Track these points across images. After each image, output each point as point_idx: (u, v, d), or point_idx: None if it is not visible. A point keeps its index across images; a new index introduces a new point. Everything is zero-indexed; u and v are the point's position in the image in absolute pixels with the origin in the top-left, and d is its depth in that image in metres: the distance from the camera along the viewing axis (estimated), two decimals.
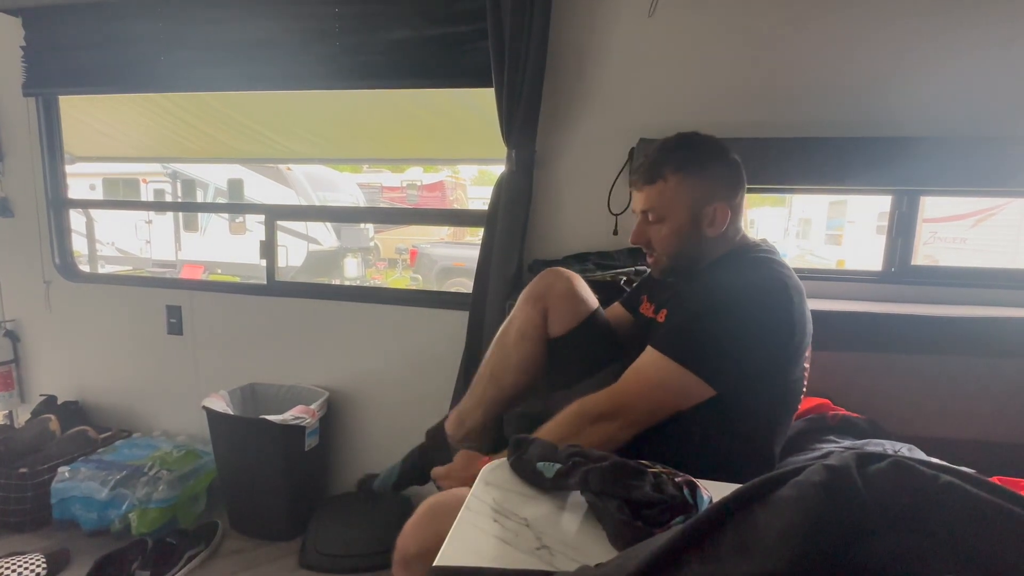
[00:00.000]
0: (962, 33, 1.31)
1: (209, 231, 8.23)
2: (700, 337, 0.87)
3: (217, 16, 1.72)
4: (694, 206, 0.96)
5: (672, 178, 0.96)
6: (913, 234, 1.46)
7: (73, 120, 2.16)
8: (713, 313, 0.88)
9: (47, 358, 2.12)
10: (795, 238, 10.67)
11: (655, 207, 0.98)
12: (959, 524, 0.28)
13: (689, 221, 0.96)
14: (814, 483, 0.32)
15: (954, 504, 0.29)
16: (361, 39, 1.63)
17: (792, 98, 1.42)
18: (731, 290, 0.89)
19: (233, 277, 6.99)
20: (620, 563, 0.34)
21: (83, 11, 1.82)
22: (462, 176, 9.16)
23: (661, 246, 0.99)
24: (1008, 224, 6.74)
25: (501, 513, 0.59)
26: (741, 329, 0.86)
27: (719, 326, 0.87)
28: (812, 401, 1.22)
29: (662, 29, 1.45)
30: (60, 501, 1.68)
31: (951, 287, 1.44)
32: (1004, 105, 1.32)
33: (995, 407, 1.23)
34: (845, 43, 1.37)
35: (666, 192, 0.96)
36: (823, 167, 1.40)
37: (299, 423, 1.63)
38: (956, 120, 1.33)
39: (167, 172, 8.42)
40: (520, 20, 1.42)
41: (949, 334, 1.26)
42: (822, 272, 1.60)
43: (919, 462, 0.33)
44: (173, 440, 1.91)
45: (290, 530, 1.70)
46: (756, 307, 0.87)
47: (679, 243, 0.98)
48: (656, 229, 0.99)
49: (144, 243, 8.37)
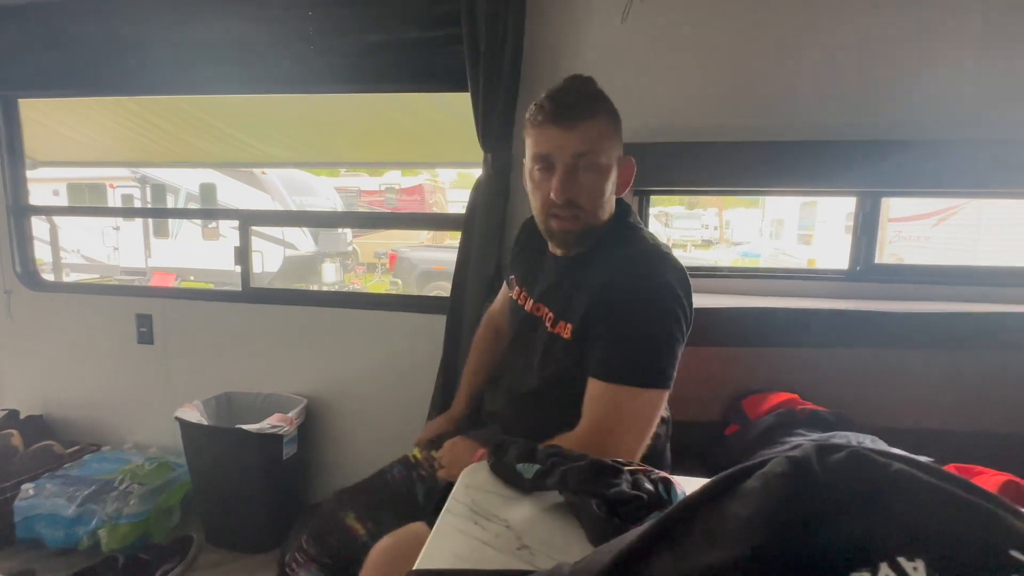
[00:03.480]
0: (923, 40, 1.37)
1: (181, 237, 8.01)
2: (646, 348, 0.82)
3: (186, 18, 1.68)
4: (616, 153, 0.87)
5: (604, 116, 0.84)
6: (876, 234, 1.52)
7: (36, 124, 2.08)
8: (637, 318, 0.83)
9: (9, 370, 2.04)
10: (769, 239, 10.96)
11: (594, 148, 0.83)
12: (908, 508, 0.30)
13: (616, 173, 0.87)
14: (777, 474, 0.34)
15: (904, 490, 0.31)
16: (335, 42, 1.61)
17: (761, 104, 1.46)
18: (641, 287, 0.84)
19: (207, 284, 6.82)
20: (594, 558, 0.35)
21: (43, 11, 1.76)
22: (441, 180, 9.14)
23: (591, 202, 0.85)
24: (967, 223, 7.06)
25: (481, 515, 0.60)
26: (665, 322, 0.83)
27: (650, 329, 0.82)
28: (781, 396, 1.26)
29: (635, 35, 1.48)
30: (24, 519, 1.61)
31: (913, 284, 1.50)
32: (962, 109, 1.38)
33: (955, 398, 1.28)
34: (811, 49, 1.42)
35: (603, 130, 0.83)
36: (792, 170, 1.44)
37: (277, 432, 1.60)
38: (916, 124, 1.39)
39: (135, 177, 8.17)
40: (495, 25, 1.43)
41: (911, 329, 1.31)
42: (792, 271, 1.65)
43: (875, 452, 0.35)
44: (145, 453, 1.85)
45: (269, 541, 1.67)
46: (679, 305, 0.84)
47: (602, 197, 0.86)
48: (588, 179, 0.84)
49: (112, 250, 8.11)
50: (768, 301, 1.41)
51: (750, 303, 1.39)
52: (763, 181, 1.47)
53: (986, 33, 1.33)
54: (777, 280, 1.57)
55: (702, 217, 11.92)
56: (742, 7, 1.43)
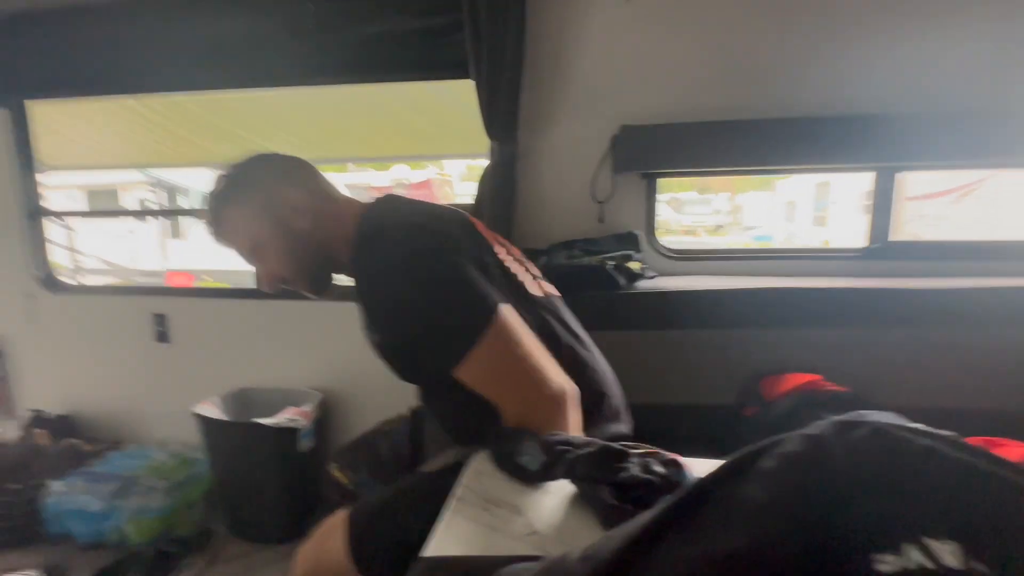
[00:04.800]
0: (931, 9, 1.32)
1: (195, 238, 8.12)
2: (435, 326, 0.77)
3: (189, 16, 1.68)
4: (265, 216, 0.88)
5: (225, 213, 0.89)
6: (890, 210, 1.48)
7: (44, 130, 2.10)
8: (398, 311, 0.79)
9: (33, 372, 2.08)
10: (782, 221, 10.77)
11: (241, 244, 0.91)
12: (935, 485, 0.28)
13: (278, 232, 0.88)
14: (794, 452, 0.32)
15: (931, 466, 0.30)
16: (337, 34, 1.60)
17: (769, 80, 1.42)
18: (392, 267, 0.79)
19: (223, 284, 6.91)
20: (604, 543, 0.34)
21: (49, 17, 1.77)
22: (449, 174, 9.11)
23: (288, 271, 0.91)
24: (988, 199, 6.86)
25: (491, 502, 0.59)
26: (420, 288, 0.76)
27: (419, 309, 0.77)
28: (801, 377, 1.24)
29: (640, 15, 1.44)
30: (53, 516, 1.66)
31: (931, 261, 1.46)
32: (976, 78, 1.33)
33: (977, 376, 1.25)
34: (819, 23, 1.37)
35: (234, 230, 0.90)
36: (802, 147, 1.40)
37: (293, 425, 1.62)
38: (930, 95, 1.34)
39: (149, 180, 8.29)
40: (496, 10, 1.40)
41: (929, 306, 1.27)
42: (806, 251, 1.61)
43: (897, 427, 0.33)
44: (166, 449, 1.89)
45: (288, 532, 1.69)
46: (416, 271, 0.77)
47: (296, 259, 0.90)
48: (265, 261, 0.90)
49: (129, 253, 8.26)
50: (782, 281, 1.39)
51: (763, 284, 1.36)
52: (773, 159, 1.43)
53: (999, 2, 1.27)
54: (792, 260, 1.54)
55: (713, 202, 11.74)
56: None
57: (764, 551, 0.28)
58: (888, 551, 0.26)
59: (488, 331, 0.72)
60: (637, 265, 1.39)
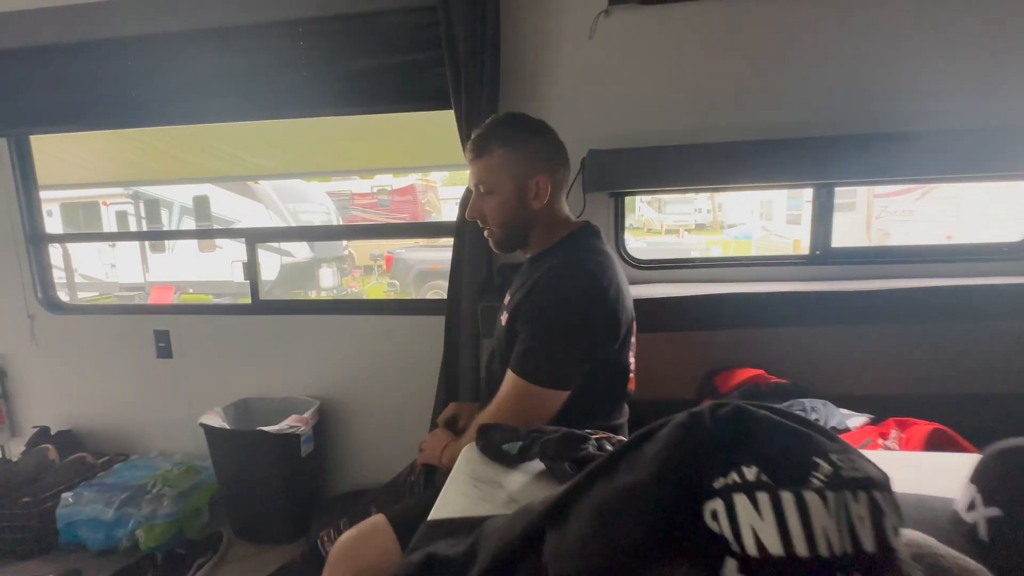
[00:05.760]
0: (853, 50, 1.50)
1: (177, 250, 8.08)
2: (544, 352, 0.98)
3: (186, 53, 1.79)
4: (519, 178, 1.05)
5: (498, 152, 1.04)
6: (831, 221, 1.66)
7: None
8: (549, 324, 0.99)
9: (37, 391, 2.17)
10: (759, 219, 11.12)
11: (484, 180, 1.06)
12: (756, 437, 0.44)
13: (515, 193, 1.05)
14: (679, 423, 0.48)
15: (757, 427, 0.45)
16: (326, 69, 1.73)
17: (721, 109, 1.59)
18: (559, 298, 0.99)
19: (206, 296, 6.91)
20: (555, 492, 0.48)
21: (49, 53, 1.87)
22: (433, 179, 9.21)
23: (492, 217, 1.08)
24: (948, 196, 7.24)
25: (478, 480, 0.74)
26: (574, 334, 0.99)
27: (556, 335, 0.98)
28: (749, 372, 1.41)
29: (602, 50, 1.60)
30: (66, 525, 1.75)
31: (865, 264, 1.65)
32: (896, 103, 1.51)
33: (899, 366, 1.43)
34: (762, 60, 1.55)
35: (492, 165, 1.05)
36: (750, 167, 1.57)
37: (294, 431, 1.74)
38: (857, 120, 1.52)
39: (128, 193, 8.22)
40: (473, 46, 1.55)
41: (863, 306, 1.46)
42: (757, 259, 1.79)
43: (754, 405, 0.49)
44: (171, 459, 1.99)
45: (292, 533, 1.81)
46: (582, 312, 0.99)
47: (507, 214, 1.06)
48: (487, 201, 1.07)
49: (109, 267, 8.18)
50: (735, 287, 1.56)
51: (720, 289, 1.53)
52: (725, 178, 1.61)
53: (919, 33, 1.47)
54: (745, 267, 1.72)
55: (694, 201, 12.03)
56: (697, 21, 1.56)
57: (650, 483, 0.43)
58: (721, 477, 0.41)
59: (552, 392, 0.98)
60: None
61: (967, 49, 1.46)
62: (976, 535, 0.53)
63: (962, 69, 1.47)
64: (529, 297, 1.02)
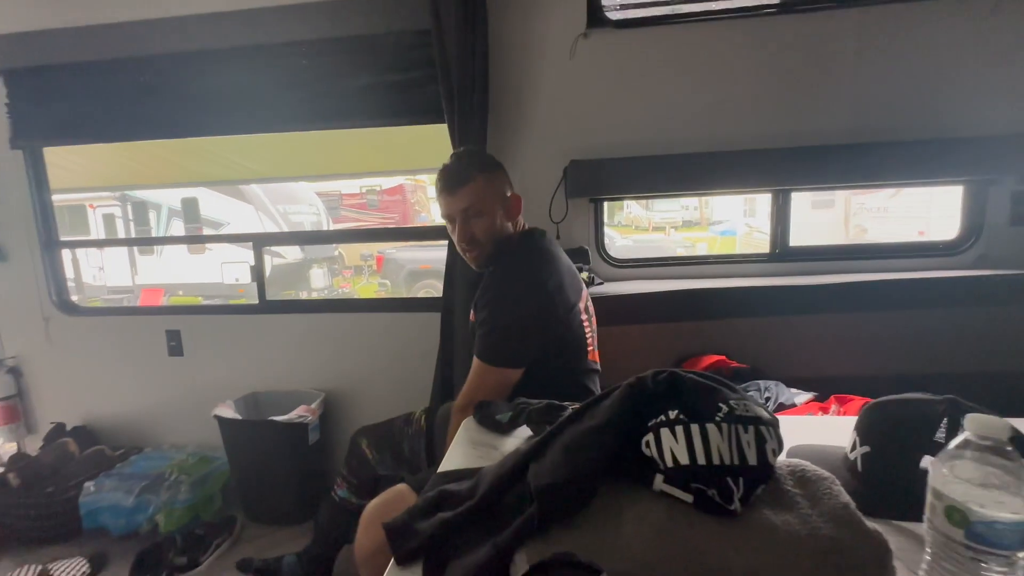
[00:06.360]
0: (811, 69, 1.68)
1: (165, 253, 8.09)
2: (495, 337, 1.15)
3: (195, 71, 1.92)
4: (501, 197, 1.23)
5: (479, 177, 1.20)
6: (789, 222, 1.84)
7: None
8: (495, 310, 1.15)
9: (52, 389, 2.28)
10: (743, 216, 11.40)
11: (473, 203, 1.19)
12: (683, 392, 0.61)
13: (499, 213, 1.22)
14: (628, 384, 0.64)
15: (688, 387, 0.62)
16: (328, 86, 1.88)
17: (689, 122, 1.76)
18: (502, 291, 1.17)
19: (195, 298, 6.96)
20: (534, 440, 0.65)
21: (62, 69, 1.99)
22: (422, 178, 9.31)
23: (485, 236, 1.21)
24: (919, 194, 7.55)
25: (477, 444, 0.90)
26: (516, 315, 1.15)
27: (502, 322, 1.15)
28: (712, 358, 1.59)
29: (581, 69, 1.77)
30: (89, 512, 1.88)
31: (820, 261, 1.84)
32: (842, 117, 1.70)
33: (845, 350, 1.62)
34: (725, 79, 1.72)
35: (478, 189, 1.19)
36: (717, 174, 1.75)
37: (302, 421, 1.89)
38: (809, 133, 1.71)
39: (116, 196, 8.20)
40: (464, 66, 1.70)
41: (812, 298, 1.64)
42: (724, 257, 1.97)
43: (686, 372, 0.66)
44: (183, 450, 2.12)
45: (300, 514, 1.96)
46: (523, 300, 1.15)
47: (497, 230, 1.22)
48: (477, 223, 1.20)
49: (97, 270, 8.17)
50: (701, 283, 1.73)
51: (688, 285, 1.71)
52: (693, 185, 1.79)
53: (859, 56, 1.65)
54: (712, 265, 1.90)
55: (681, 199, 12.22)
56: (665, 44, 1.73)
57: (605, 425, 0.59)
58: (654, 418, 0.58)
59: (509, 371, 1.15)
60: (586, 275, 1.71)
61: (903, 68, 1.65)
62: (856, 467, 0.71)
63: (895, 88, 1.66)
64: (483, 295, 1.19)
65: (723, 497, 0.53)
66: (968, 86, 1.64)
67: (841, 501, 0.53)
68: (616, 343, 1.69)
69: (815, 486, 0.56)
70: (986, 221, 1.74)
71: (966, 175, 1.69)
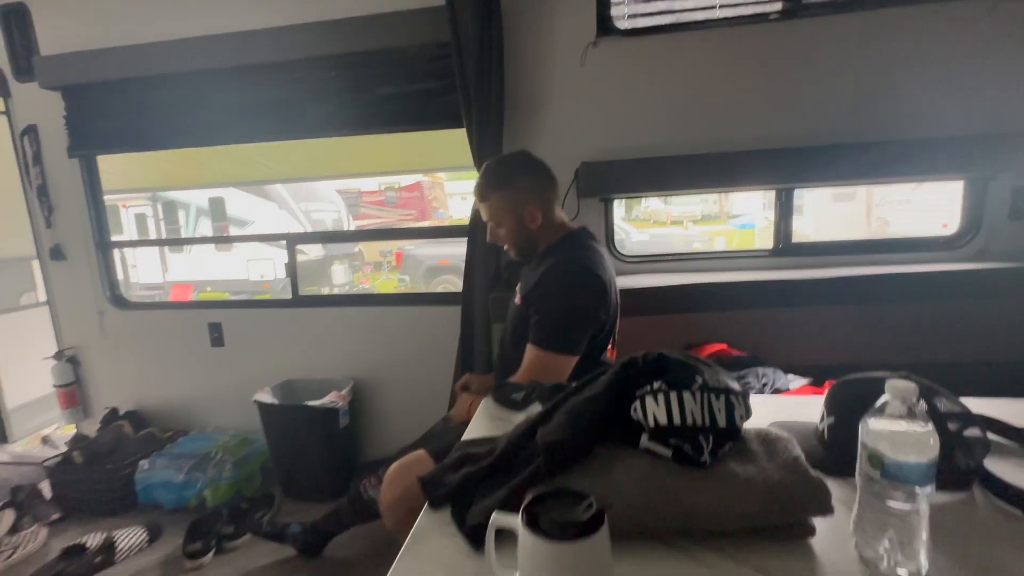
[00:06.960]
0: (808, 72, 1.76)
1: (193, 251, 8.41)
2: (555, 327, 1.25)
3: (230, 84, 2.09)
4: (515, 212, 1.35)
5: (494, 196, 1.35)
6: (791, 219, 1.93)
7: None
8: (556, 300, 1.26)
9: (106, 377, 2.49)
10: (762, 209, 11.30)
11: (491, 218, 1.38)
12: (666, 369, 0.72)
13: (515, 222, 1.35)
14: (622, 362, 0.76)
15: (672, 365, 0.73)
16: (355, 96, 2.02)
17: (695, 124, 1.85)
18: (563, 284, 1.27)
19: (223, 294, 7.25)
20: (542, 409, 0.78)
21: (113, 86, 2.17)
22: (440, 175, 9.46)
23: (506, 242, 1.40)
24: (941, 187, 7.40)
25: (495, 418, 1.03)
26: (576, 305, 1.26)
27: (561, 313, 1.25)
28: (715, 346, 1.69)
29: (592, 75, 1.88)
30: (144, 488, 2.08)
31: (821, 256, 1.91)
32: (842, 118, 1.77)
33: (840, 340, 1.71)
34: (724, 81, 1.81)
35: (493, 207, 1.36)
36: (723, 173, 1.84)
37: (333, 406, 2.05)
38: (812, 133, 1.79)
39: (147, 196, 8.54)
40: (481, 75, 1.83)
41: (811, 292, 1.73)
42: (729, 253, 2.06)
43: (672, 353, 0.77)
44: (226, 433, 2.31)
45: (332, 492, 2.11)
46: (582, 293, 1.27)
47: (515, 238, 1.38)
48: (498, 231, 1.39)
49: (131, 267, 8.53)
50: (709, 276, 1.83)
51: (694, 279, 1.81)
52: (700, 184, 1.88)
53: (860, 59, 1.72)
54: (719, 260, 1.99)
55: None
56: (671, 50, 1.82)
57: (601, 395, 0.71)
58: (641, 389, 0.70)
59: (567, 357, 1.25)
60: None
61: (904, 69, 1.72)
62: (824, 436, 0.81)
63: (895, 88, 1.73)
64: (539, 285, 1.30)
65: (695, 451, 0.64)
66: (968, 86, 1.70)
67: (793, 455, 0.64)
68: (624, 333, 1.81)
69: (775, 444, 0.67)
70: (986, 216, 1.79)
71: (965, 172, 1.76)
